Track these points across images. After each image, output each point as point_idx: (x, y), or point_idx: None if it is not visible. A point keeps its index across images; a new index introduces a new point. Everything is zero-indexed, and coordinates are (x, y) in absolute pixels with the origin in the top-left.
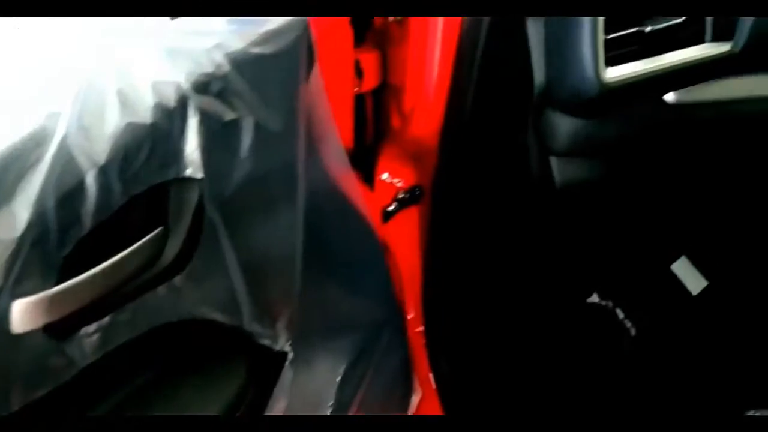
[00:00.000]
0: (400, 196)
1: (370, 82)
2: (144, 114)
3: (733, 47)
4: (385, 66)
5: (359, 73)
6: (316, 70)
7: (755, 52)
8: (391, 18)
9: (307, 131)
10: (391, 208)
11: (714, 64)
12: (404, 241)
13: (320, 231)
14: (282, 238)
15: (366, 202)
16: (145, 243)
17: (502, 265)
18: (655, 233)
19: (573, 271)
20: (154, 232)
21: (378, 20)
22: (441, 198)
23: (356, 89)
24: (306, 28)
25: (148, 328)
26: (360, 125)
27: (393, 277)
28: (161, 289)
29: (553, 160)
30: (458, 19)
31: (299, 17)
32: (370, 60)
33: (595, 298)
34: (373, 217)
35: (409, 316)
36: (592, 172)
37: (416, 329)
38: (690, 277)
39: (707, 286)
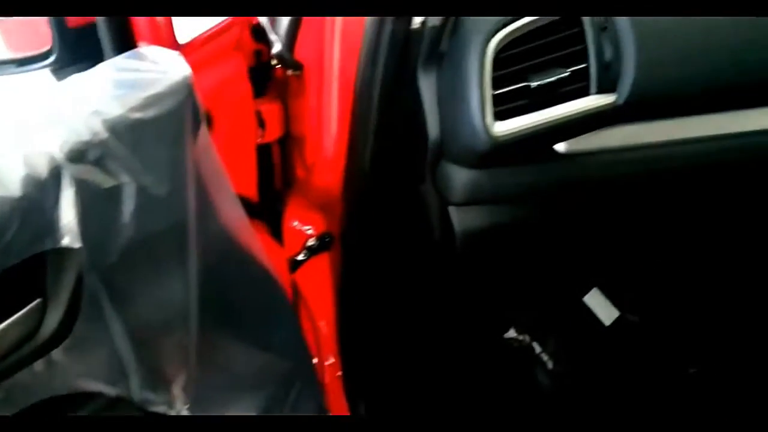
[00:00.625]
0: (310, 244)
1: (273, 133)
2: (13, 187)
3: (617, 99)
4: (287, 117)
5: (262, 124)
6: (204, 129)
7: (638, 103)
8: (289, 71)
9: (198, 191)
10: (300, 257)
11: (600, 115)
12: (317, 288)
13: (218, 288)
14: (174, 300)
15: (272, 253)
16: (20, 317)
17: (414, 308)
18: (564, 268)
19: (487, 308)
20: (31, 305)
21: (278, 72)
22: (350, 245)
23: (259, 140)
24: (190, 91)
25: (24, 406)
26: (268, 175)
27: (306, 325)
28: (38, 365)
29: (452, 210)
30: (353, 72)
31: (182, 80)
32: (272, 111)
33: (512, 333)
34: (281, 267)
35: (328, 362)
36: (492, 218)
37: (336, 374)
38: (602, 308)
39: (619, 316)
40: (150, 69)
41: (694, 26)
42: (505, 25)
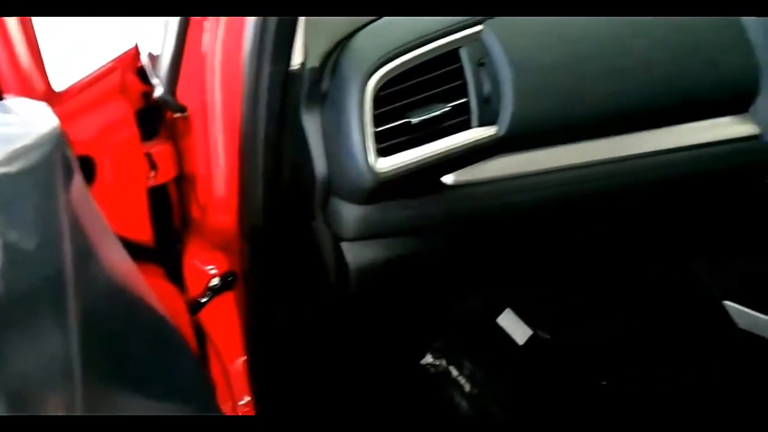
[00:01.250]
0: (212, 284)
1: (166, 174)
2: None
3: (498, 131)
4: (180, 157)
5: (154, 165)
6: (78, 179)
7: (518, 134)
8: (177, 114)
9: (75, 242)
10: (203, 299)
11: (483, 147)
12: (225, 328)
13: (105, 339)
14: (55, 355)
15: (168, 297)
16: None
17: (324, 342)
18: (468, 293)
19: (398, 337)
20: None
21: (168, 113)
22: (253, 284)
23: (151, 182)
24: (59, 142)
25: None
26: (166, 216)
27: (216, 365)
28: None
29: (345, 246)
30: (237, 113)
31: (50, 132)
32: (163, 152)
33: (428, 359)
34: (178, 311)
35: (242, 402)
36: (384, 252)
37: (250, 413)
38: (515, 328)
39: (532, 334)
40: (15, 122)
41: (568, 58)
42: (383, 64)
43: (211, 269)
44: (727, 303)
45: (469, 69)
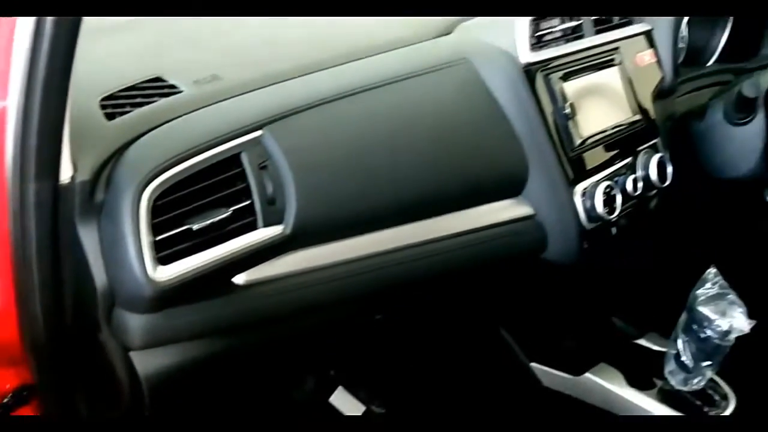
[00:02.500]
0: (5, 401)
1: None
2: None
3: (284, 229)
4: None
5: None
6: None
7: (304, 231)
8: None
9: None
10: None
11: (271, 246)
12: None
13: None
14: None
15: None
16: None
17: None
18: (297, 373)
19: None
20: None
21: None
22: (46, 399)
23: None
24: None
25: None
26: None
27: None
28: None
29: (134, 356)
30: (5, 228)
31: None
32: None
33: None
34: None
35: None
36: (177, 358)
37: None
38: (347, 405)
39: (366, 410)
40: None
41: (348, 156)
42: (158, 174)
43: (7, 385)
44: (533, 364)
45: (251, 172)
